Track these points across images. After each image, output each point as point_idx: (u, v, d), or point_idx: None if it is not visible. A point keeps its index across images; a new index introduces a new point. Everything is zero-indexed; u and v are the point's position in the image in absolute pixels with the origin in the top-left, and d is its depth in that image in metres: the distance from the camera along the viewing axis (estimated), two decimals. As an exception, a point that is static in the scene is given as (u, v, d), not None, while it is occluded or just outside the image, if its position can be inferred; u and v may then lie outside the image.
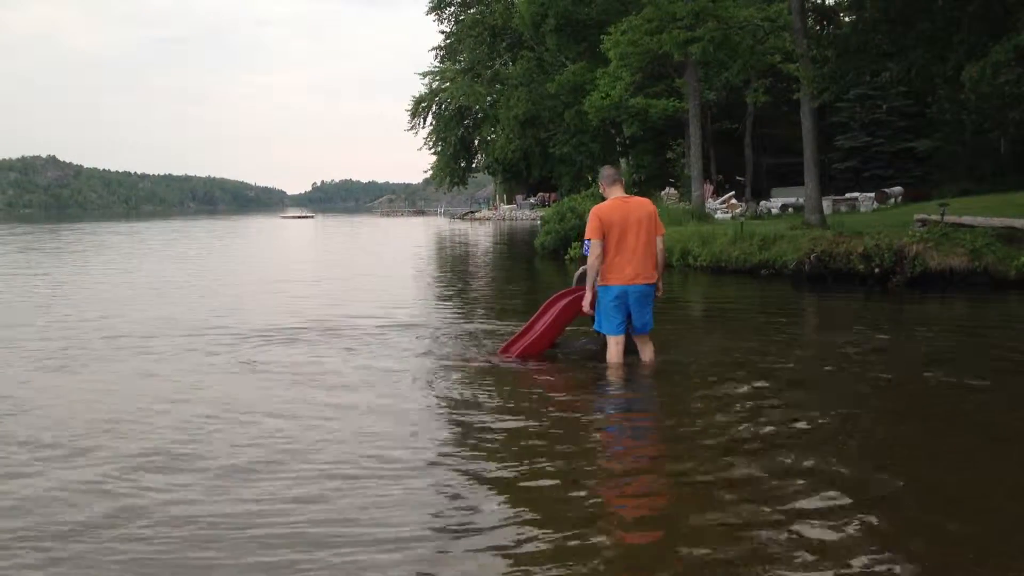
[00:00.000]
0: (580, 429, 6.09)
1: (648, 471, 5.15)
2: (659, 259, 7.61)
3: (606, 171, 8.02)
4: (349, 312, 12.00)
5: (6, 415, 6.34)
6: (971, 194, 26.62)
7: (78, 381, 7.62)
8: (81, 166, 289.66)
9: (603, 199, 7.81)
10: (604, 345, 8.17)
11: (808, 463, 5.04)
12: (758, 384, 7.13)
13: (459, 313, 12.39)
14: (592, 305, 7.84)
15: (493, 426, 6.02)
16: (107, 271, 20.85)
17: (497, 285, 17.77)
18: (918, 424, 6.03)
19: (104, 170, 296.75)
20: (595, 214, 7.52)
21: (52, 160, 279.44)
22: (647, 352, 7.79)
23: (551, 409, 6.62)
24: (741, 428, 5.78)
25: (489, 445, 5.58)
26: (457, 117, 61.09)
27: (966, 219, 15.44)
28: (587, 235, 7.52)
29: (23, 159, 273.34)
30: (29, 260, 25.74)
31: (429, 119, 63.08)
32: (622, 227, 7.43)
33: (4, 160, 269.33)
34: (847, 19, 27.78)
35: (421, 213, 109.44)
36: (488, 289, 16.78)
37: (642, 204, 7.66)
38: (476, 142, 63.60)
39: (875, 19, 17.43)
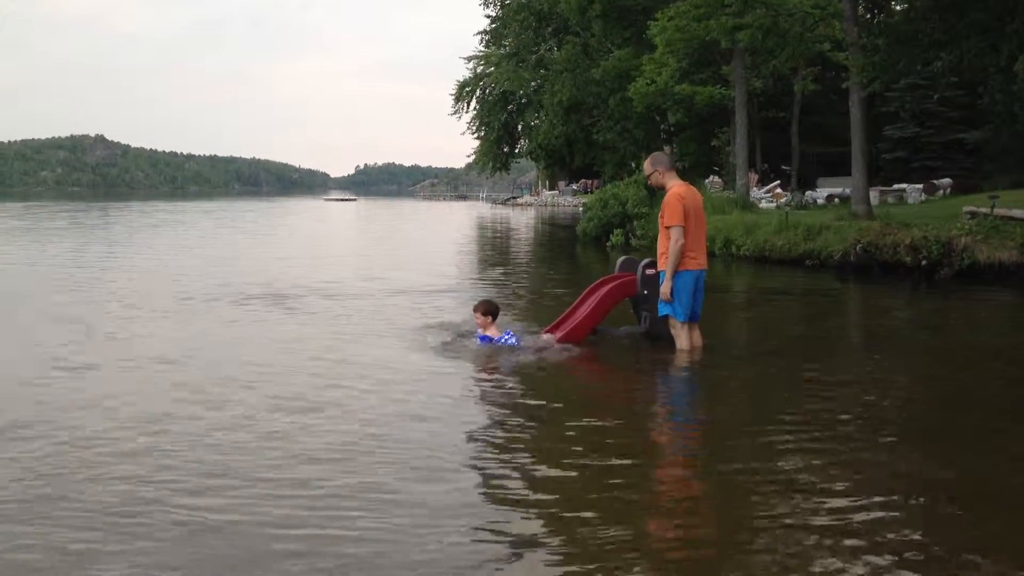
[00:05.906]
0: (621, 417, 6.12)
1: (692, 464, 5.15)
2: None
3: (665, 157, 8.11)
4: (392, 294, 12.12)
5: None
6: (1022, 187, 26.14)
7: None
8: (129, 146, 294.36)
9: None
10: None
11: (854, 455, 5.03)
12: (805, 375, 7.15)
13: (500, 297, 12.44)
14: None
15: (530, 413, 5.99)
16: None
17: (539, 270, 17.82)
18: (973, 416, 5.90)
19: (151, 150, 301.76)
20: (679, 198, 7.49)
21: (100, 139, 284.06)
22: (697, 337, 7.84)
23: (592, 397, 6.68)
24: (788, 419, 5.76)
25: (525, 435, 5.57)
26: (501, 102, 60.86)
27: (1016, 212, 15.19)
28: (673, 220, 7.42)
29: (72, 137, 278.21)
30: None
31: (473, 104, 62.90)
32: (696, 212, 7.61)
33: (53, 138, 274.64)
34: (898, 7, 27.35)
35: (463, 198, 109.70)
36: (530, 274, 16.83)
37: (697, 191, 7.95)
38: (519, 127, 63.32)
39: (926, 7, 17.13)
